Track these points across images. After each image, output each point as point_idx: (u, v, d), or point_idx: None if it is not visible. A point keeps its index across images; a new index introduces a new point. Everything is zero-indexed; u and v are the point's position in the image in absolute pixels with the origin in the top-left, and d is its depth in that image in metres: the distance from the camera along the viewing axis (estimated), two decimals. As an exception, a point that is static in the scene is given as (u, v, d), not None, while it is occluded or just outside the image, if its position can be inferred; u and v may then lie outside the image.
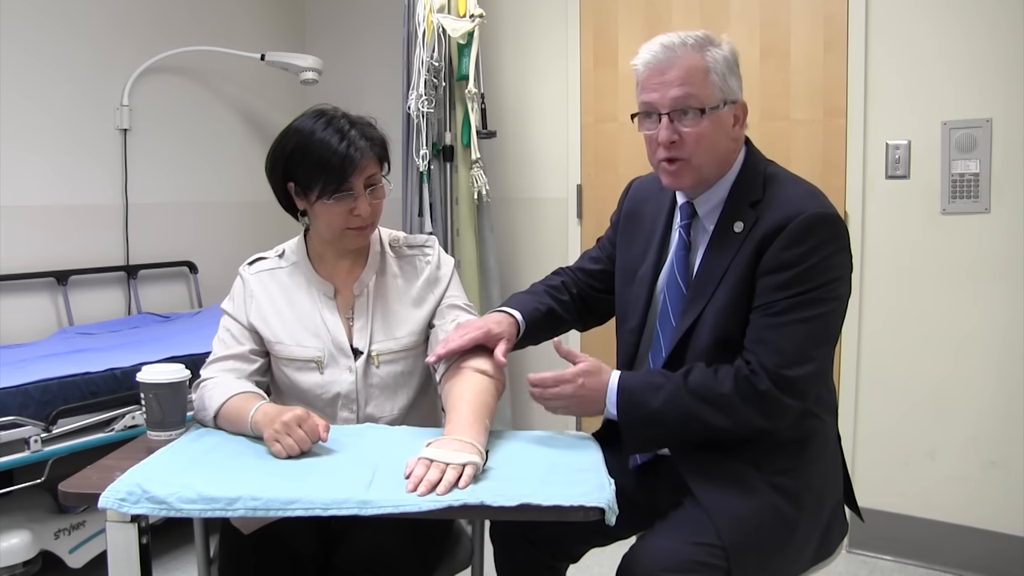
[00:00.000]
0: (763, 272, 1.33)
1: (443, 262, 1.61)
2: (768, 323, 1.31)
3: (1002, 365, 2.40)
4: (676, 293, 1.44)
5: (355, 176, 1.44)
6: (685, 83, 1.34)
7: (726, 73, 1.36)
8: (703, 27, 1.45)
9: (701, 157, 1.37)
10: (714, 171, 1.41)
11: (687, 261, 1.44)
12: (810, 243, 1.30)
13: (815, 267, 1.30)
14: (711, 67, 1.34)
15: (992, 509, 2.43)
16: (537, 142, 3.23)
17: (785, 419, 1.32)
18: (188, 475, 1.19)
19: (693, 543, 1.28)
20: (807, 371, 1.30)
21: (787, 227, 1.30)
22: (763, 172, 1.41)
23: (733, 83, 1.38)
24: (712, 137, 1.36)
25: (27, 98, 2.85)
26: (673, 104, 1.35)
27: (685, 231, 1.45)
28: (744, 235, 1.35)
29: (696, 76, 1.34)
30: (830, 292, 1.32)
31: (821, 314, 1.31)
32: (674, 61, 1.35)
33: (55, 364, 2.25)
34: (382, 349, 1.53)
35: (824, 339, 1.34)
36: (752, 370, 1.30)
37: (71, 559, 2.28)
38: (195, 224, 3.48)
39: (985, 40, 2.36)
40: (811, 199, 1.34)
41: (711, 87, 1.35)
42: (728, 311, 1.35)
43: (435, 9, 2.88)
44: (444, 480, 1.13)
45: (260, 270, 1.59)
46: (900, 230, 2.53)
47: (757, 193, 1.38)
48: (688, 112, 1.35)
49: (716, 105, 1.35)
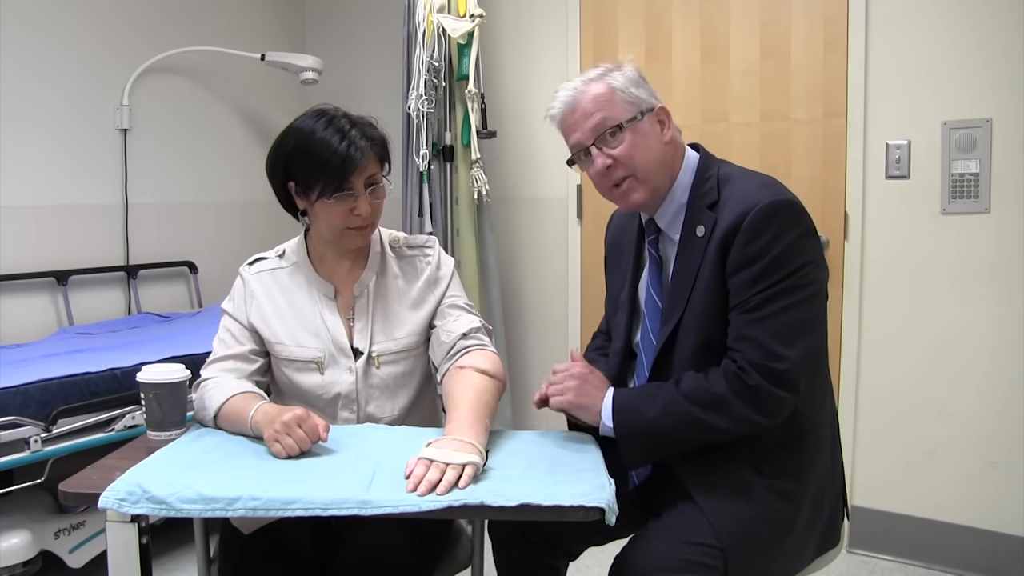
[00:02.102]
0: (731, 271, 1.33)
1: (443, 262, 1.61)
2: (746, 319, 1.31)
3: (1002, 365, 2.40)
4: (653, 308, 1.45)
5: (355, 176, 1.44)
6: (596, 110, 1.40)
7: (632, 88, 1.41)
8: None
9: (641, 168, 1.40)
10: (661, 178, 1.42)
11: (660, 276, 1.46)
12: (770, 232, 1.30)
13: (781, 256, 1.29)
14: (615, 88, 1.40)
15: (992, 509, 2.43)
16: (537, 142, 3.23)
17: (781, 412, 1.32)
18: (188, 475, 1.19)
19: (688, 543, 1.28)
20: (793, 361, 1.29)
21: (744, 221, 1.31)
22: (715, 174, 1.42)
23: (643, 93, 1.42)
24: (643, 146, 1.40)
25: (27, 98, 2.85)
26: (595, 132, 1.40)
27: (654, 247, 1.47)
28: (707, 238, 1.36)
29: (603, 99, 1.40)
30: (803, 278, 1.31)
31: (798, 301, 1.31)
32: (580, 98, 1.41)
33: (55, 364, 2.25)
34: (382, 350, 1.53)
35: (805, 326, 1.33)
36: (740, 367, 1.30)
37: (71, 559, 2.28)
38: (195, 224, 3.48)
39: (985, 40, 2.36)
40: (764, 190, 1.34)
41: (621, 104, 1.40)
42: (705, 316, 1.36)
43: (435, 9, 2.88)
44: (444, 480, 1.13)
45: (261, 270, 1.59)
46: (900, 230, 2.53)
47: (713, 195, 1.39)
48: (611, 134, 1.39)
49: (633, 117, 1.39)
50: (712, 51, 2.81)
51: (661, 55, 2.90)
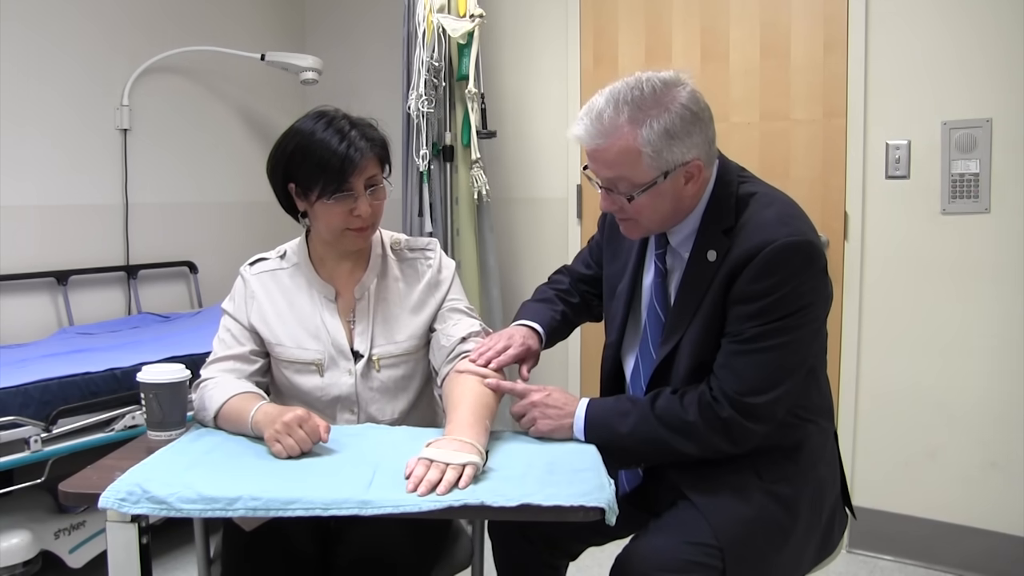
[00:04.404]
0: (733, 301, 1.31)
1: (444, 265, 1.61)
2: (735, 350, 1.30)
3: (1002, 365, 2.40)
4: (655, 321, 1.44)
5: (355, 176, 1.44)
6: (614, 166, 1.30)
7: (664, 147, 1.26)
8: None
9: (646, 221, 1.36)
10: (670, 222, 1.38)
11: (664, 288, 1.44)
12: (778, 275, 1.26)
13: (784, 298, 1.27)
14: (643, 149, 1.26)
15: (992, 509, 2.42)
16: (537, 142, 3.23)
17: (751, 442, 1.32)
18: (188, 475, 1.19)
19: (687, 543, 1.28)
20: (770, 398, 1.29)
21: (756, 257, 1.27)
22: (735, 193, 1.35)
23: (677, 151, 1.28)
24: (653, 206, 1.32)
25: (27, 98, 2.85)
26: (607, 184, 1.34)
27: (660, 260, 1.44)
28: (718, 264, 1.33)
29: (627, 159, 1.28)
30: (801, 319, 1.29)
31: (790, 341, 1.29)
32: (604, 145, 1.29)
33: (55, 364, 2.25)
34: (383, 353, 1.53)
35: (793, 365, 1.32)
36: (714, 397, 1.30)
37: (71, 559, 2.28)
38: (195, 224, 3.48)
39: (985, 40, 2.36)
40: (782, 225, 1.29)
41: (644, 168, 1.28)
42: (704, 340, 1.35)
43: (435, 9, 2.88)
44: (444, 480, 1.13)
45: (261, 271, 1.59)
46: (900, 230, 2.53)
47: (729, 219, 1.33)
48: (620, 193, 1.32)
49: (652, 182, 1.29)
50: (712, 51, 2.81)
51: (661, 55, 2.90)
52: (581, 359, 3.11)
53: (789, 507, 1.35)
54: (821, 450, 1.43)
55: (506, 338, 1.50)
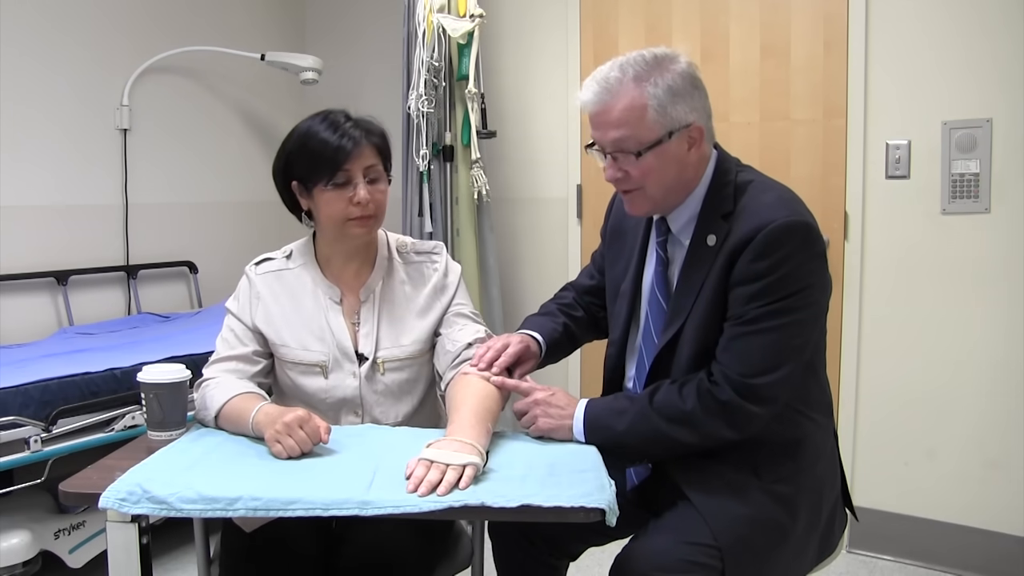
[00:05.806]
0: (734, 283, 1.32)
1: (450, 269, 1.61)
2: (737, 332, 1.31)
3: (1002, 365, 2.40)
4: (657, 309, 1.45)
5: (350, 163, 1.45)
6: (621, 124, 1.32)
7: (668, 103, 1.31)
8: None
9: (652, 188, 1.37)
10: (673, 196, 1.39)
11: (666, 277, 1.45)
12: (779, 254, 1.28)
13: (786, 277, 1.28)
14: (649, 102, 1.31)
15: (992, 509, 2.43)
16: (537, 142, 3.23)
17: (753, 426, 1.32)
18: (188, 475, 1.19)
19: (687, 543, 1.28)
20: (774, 378, 1.29)
21: (756, 238, 1.29)
22: (734, 181, 1.38)
23: (680, 109, 1.32)
24: (659, 169, 1.34)
25: (27, 98, 2.85)
26: (613, 146, 1.35)
27: (662, 247, 1.46)
28: (717, 248, 1.34)
29: (632, 115, 1.31)
30: (802, 300, 1.30)
31: (792, 321, 1.30)
32: (611, 102, 1.33)
33: (55, 364, 2.25)
34: (388, 356, 1.53)
35: (795, 347, 1.32)
36: (714, 381, 1.31)
37: (71, 559, 2.28)
38: (195, 224, 3.48)
39: (985, 40, 2.36)
40: (781, 207, 1.31)
41: (649, 123, 1.31)
42: (707, 325, 1.35)
43: (435, 9, 2.88)
44: (444, 481, 1.13)
45: (267, 271, 1.59)
46: (900, 230, 2.53)
47: (728, 204, 1.36)
48: (628, 152, 1.34)
49: (658, 140, 1.32)
50: (712, 51, 2.81)
51: (661, 55, 2.90)
52: (581, 359, 3.11)
53: (788, 506, 1.34)
54: (821, 448, 1.43)
55: (505, 338, 1.51)
